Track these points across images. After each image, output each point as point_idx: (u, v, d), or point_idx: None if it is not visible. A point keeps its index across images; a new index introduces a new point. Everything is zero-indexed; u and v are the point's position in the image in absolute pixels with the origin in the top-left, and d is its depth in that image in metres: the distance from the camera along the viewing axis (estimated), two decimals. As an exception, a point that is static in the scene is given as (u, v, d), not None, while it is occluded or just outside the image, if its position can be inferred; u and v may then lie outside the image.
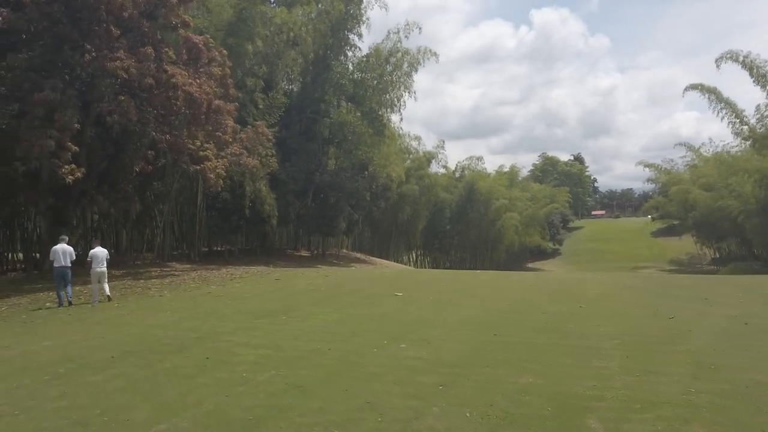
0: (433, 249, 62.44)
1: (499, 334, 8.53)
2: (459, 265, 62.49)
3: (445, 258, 64.42)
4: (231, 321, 10.82)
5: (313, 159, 34.31)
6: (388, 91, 35.68)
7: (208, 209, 32.39)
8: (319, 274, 21.14)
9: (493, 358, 7.03)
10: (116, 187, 24.18)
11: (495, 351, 7.47)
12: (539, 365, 6.60)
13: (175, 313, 12.35)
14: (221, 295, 15.11)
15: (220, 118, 22.23)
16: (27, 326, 11.76)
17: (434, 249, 62.44)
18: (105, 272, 15.14)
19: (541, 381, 5.89)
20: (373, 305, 12.37)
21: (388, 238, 54.15)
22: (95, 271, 14.77)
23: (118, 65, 18.76)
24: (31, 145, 17.41)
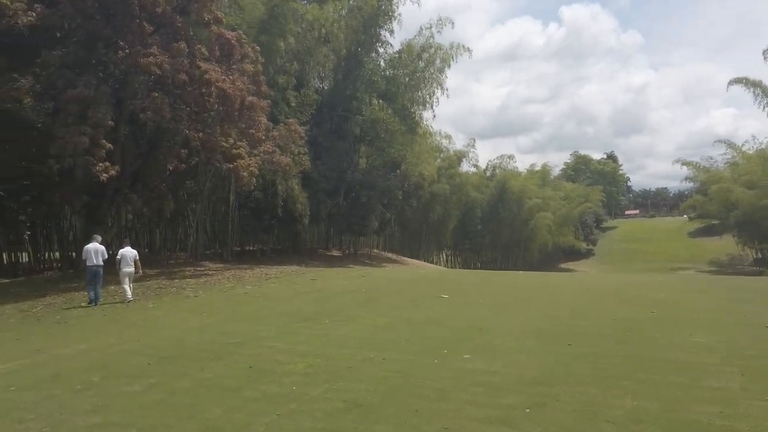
0: (463, 249, 61.21)
1: (574, 344, 7.58)
2: (490, 265, 61.18)
3: (476, 258, 63.12)
4: (271, 325, 10.10)
5: (345, 157, 33.62)
6: (420, 88, 34.78)
7: (240, 208, 32.01)
8: (355, 275, 20.38)
9: (581, 374, 6.11)
10: (150, 186, 23.88)
11: (578, 365, 6.53)
12: (642, 384, 5.64)
13: (211, 315, 11.71)
14: (258, 296, 14.46)
15: (253, 115, 21.67)
16: (61, 327, 11.26)
17: (465, 249, 61.21)
18: (132, 273, 14.87)
19: (652, 405, 4.95)
20: (420, 308, 11.52)
21: (418, 237, 53.21)
22: (123, 271, 14.64)
23: (151, 61, 18.32)
24: (65, 143, 17.05)
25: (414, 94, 34.72)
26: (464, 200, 55.20)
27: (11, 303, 15.60)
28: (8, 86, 17.42)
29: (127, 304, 14.12)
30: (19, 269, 26.85)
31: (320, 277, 19.23)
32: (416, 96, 34.81)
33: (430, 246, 56.06)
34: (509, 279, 18.90)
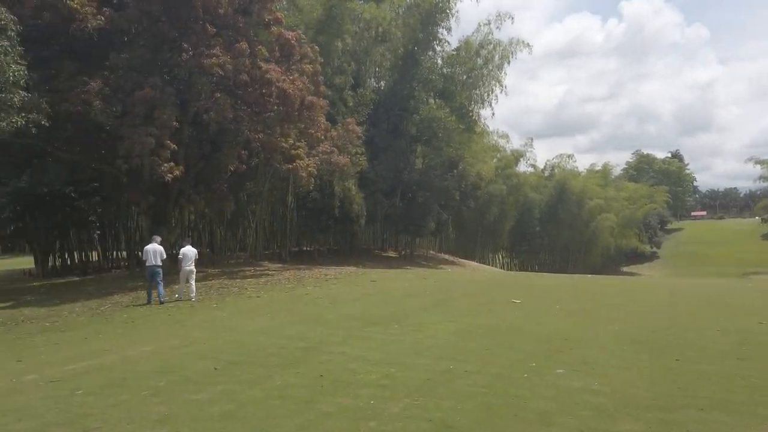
0: (520, 251, 59.41)
1: (683, 360, 6.64)
2: (548, 268, 59.08)
3: (534, 260, 61.12)
4: (338, 328, 9.58)
5: (401, 157, 33.01)
6: (478, 86, 33.77)
7: (297, 209, 32.02)
8: (415, 276, 19.74)
9: (704, 397, 5.22)
10: (212, 186, 24.07)
11: (698, 386, 5.63)
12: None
13: (275, 316, 11.34)
14: (320, 297, 14.03)
15: (312, 115, 21.42)
16: (128, 327, 11.17)
17: (522, 251, 59.39)
18: (193, 271, 14.85)
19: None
20: (493, 314, 10.73)
21: (473, 239, 51.95)
22: (184, 269, 14.63)
23: (214, 62, 18.33)
24: (133, 143, 17.27)
25: (472, 92, 33.77)
26: (521, 201, 53.54)
27: (81, 301, 15.86)
28: (79, 89, 17.82)
29: (191, 305, 14.02)
30: (89, 268, 27.76)
31: (380, 279, 18.69)
32: (474, 94, 33.84)
33: (485, 248, 54.67)
34: (582, 283, 17.74)
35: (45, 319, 12.92)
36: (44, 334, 10.89)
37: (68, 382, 6.87)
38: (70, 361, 8.10)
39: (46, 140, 20.99)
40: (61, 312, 14.06)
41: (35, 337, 10.58)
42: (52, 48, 19.03)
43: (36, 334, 10.95)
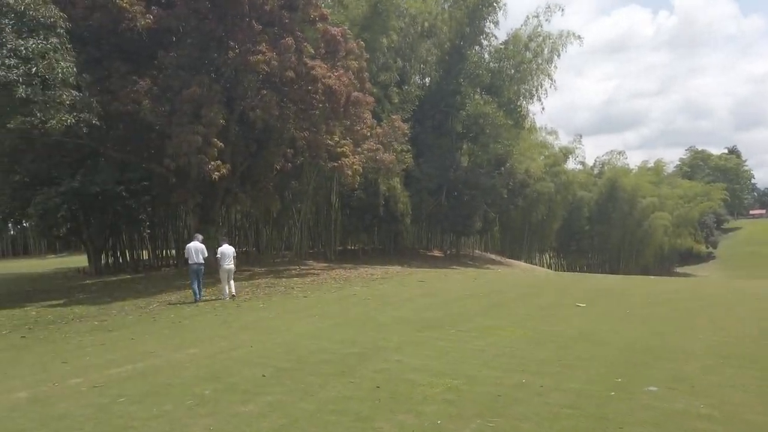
0: (568, 251, 57.38)
1: (803, 379, 5.66)
2: (599, 269, 56.85)
3: (582, 261, 58.95)
4: (391, 333, 8.92)
5: (447, 155, 32.15)
6: (527, 80, 32.50)
7: (342, 208, 31.63)
8: (465, 277, 18.90)
9: None
10: (258, 185, 23.89)
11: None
12: None
13: (324, 318, 10.78)
14: (368, 298, 13.42)
15: (359, 111, 20.88)
16: (174, 327, 10.84)
17: (570, 251, 57.34)
18: (233, 269, 14.65)
19: None
20: (559, 319, 9.84)
21: (519, 238, 50.42)
22: (224, 268, 14.40)
23: (260, 59, 18.02)
24: (180, 142, 17.14)
25: (520, 86, 32.56)
26: (570, 199, 51.68)
27: (131, 299, 15.80)
28: (129, 89, 17.83)
29: (237, 304, 13.68)
30: (140, 266, 28.15)
31: (429, 279, 17.95)
32: (522, 89, 32.61)
33: (532, 247, 53.01)
34: (645, 284, 16.49)
35: (94, 318, 12.80)
36: (92, 333, 10.68)
37: (111, 387, 6.47)
38: (114, 363, 7.74)
39: (98, 140, 21.24)
40: (110, 310, 13.97)
41: (83, 336, 10.37)
42: (103, 48, 19.16)
43: (84, 333, 10.76)
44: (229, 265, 14.44)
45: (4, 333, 11.48)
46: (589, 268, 57.70)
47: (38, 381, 7.07)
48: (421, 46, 30.04)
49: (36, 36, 11.54)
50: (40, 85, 11.32)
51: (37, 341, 10.24)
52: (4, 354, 9.18)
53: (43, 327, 11.95)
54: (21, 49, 11.17)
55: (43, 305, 15.96)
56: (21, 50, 11.18)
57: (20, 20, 11.54)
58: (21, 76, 11.02)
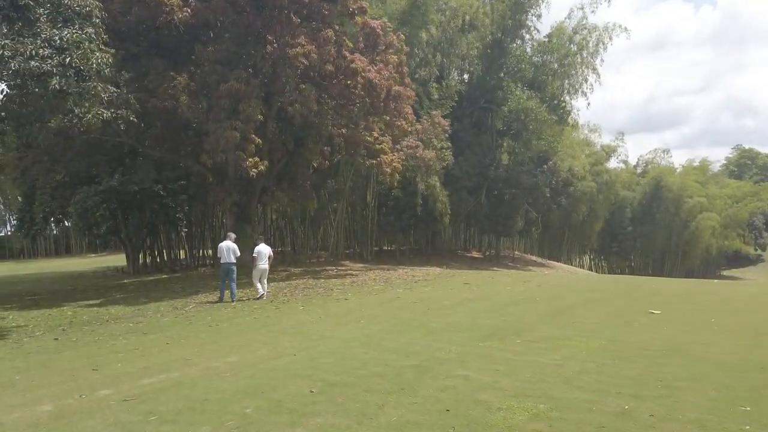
0: (610, 252, 55.17)
1: None
2: (642, 271, 54.58)
3: (624, 263, 56.67)
4: (448, 342, 7.96)
5: (487, 153, 30.97)
6: (571, 75, 31.06)
7: (378, 207, 30.76)
8: (513, 279, 17.77)
9: None
10: (295, 184, 23.26)
11: None
12: None
13: (370, 323, 9.90)
14: (415, 302, 12.49)
15: (399, 106, 19.97)
16: (212, 331, 10.13)
17: (612, 252, 55.12)
18: (267, 270, 14.32)
19: None
20: (634, 328, 8.71)
21: (559, 239, 48.69)
22: (258, 268, 14.07)
23: (299, 51, 17.34)
24: (218, 138, 16.58)
25: (564, 81, 31.15)
26: (612, 199, 49.60)
27: (167, 300, 15.28)
28: (167, 85, 17.39)
29: (276, 306, 12.95)
30: (176, 265, 27.91)
31: (474, 282, 16.90)
32: (566, 84, 31.19)
33: (572, 248, 51.16)
34: (713, 288, 15.06)
35: (130, 319, 12.25)
36: (126, 336, 10.06)
37: (143, 402, 5.71)
38: (148, 372, 7.02)
39: (136, 138, 20.97)
40: (146, 311, 13.42)
41: (117, 339, 9.75)
42: (141, 45, 18.83)
43: (118, 336, 10.15)
44: (264, 265, 14.07)
45: (37, 334, 11.00)
46: (630, 270, 55.42)
47: (65, 391, 6.38)
48: (461, 40, 28.94)
49: (71, 26, 11.03)
50: (74, 76, 10.79)
51: (69, 344, 9.67)
52: (34, 358, 8.60)
53: (78, 328, 11.44)
54: (55, 39, 10.66)
55: (80, 305, 15.60)
56: (56, 40, 10.67)
57: (56, 10, 11.03)
58: (55, 66, 10.50)
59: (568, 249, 50.11)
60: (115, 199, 23.71)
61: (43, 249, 49.42)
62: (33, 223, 25.35)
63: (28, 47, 10.38)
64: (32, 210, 25.16)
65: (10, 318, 13.62)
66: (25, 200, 26.07)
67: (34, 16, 10.73)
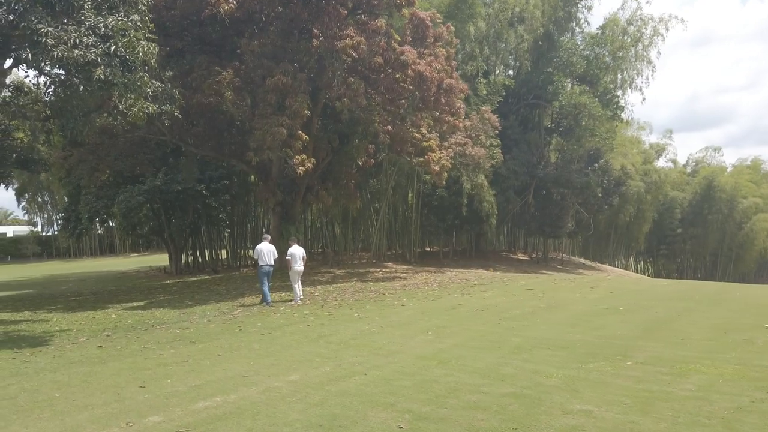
0: (658, 255, 52.49)
1: None
2: (691, 274, 51.84)
3: (672, 266, 53.84)
4: (544, 362, 6.75)
5: (535, 151, 29.45)
6: (625, 68, 29.24)
7: (422, 207, 29.57)
8: (577, 285, 16.33)
9: None
10: (339, 183, 22.33)
11: None
12: None
13: (440, 335, 8.74)
14: (480, 310, 11.28)
15: (450, 100, 18.75)
16: (265, 342, 9.15)
17: (659, 255, 52.43)
18: (302, 271, 13.73)
19: None
20: (759, 347, 7.31)
21: (604, 241, 46.47)
22: (294, 270, 13.45)
23: (348, 43, 16.35)
24: (264, 134, 15.72)
25: (616, 75, 29.34)
26: (661, 200, 47.17)
27: (212, 303, 14.49)
28: (212, 80, 16.65)
29: (329, 312, 11.94)
30: (218, 266, 27.36)
31: (536, 287, 15.56)
32: (619, 77, 29.40)
33: (618, 250, 48.85)
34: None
35: (176, 324, 11.42)
36: (173, 344, 9.18)
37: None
38: (201, 393, 6.04)
39: (180, 136, 20.39)
40: (192, 315, 12.60)
41: (164, 348, 8.88)
42: (186, 39, 18.16)
43: (165, 344, 9.28)
44: (299, 266, 13.50)
45: (81, 340, 10.24)
46: (680, 274, 52.61)
47: (110, 415, 5.45)
48: (509, 33, 27.52)
49: (116, 12, 10.26)
50: (119, 66, 10.01)
51: (114, 353, 8.84)
52: (76, 370, 7.77)
53: (122, 334, 10.65)
54: (100, 27, 9.90)
55: (124, 307, 14.96)
56: (100, 28, 9.91)
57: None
58: (100, 55, 9.73)
59: (614, 251, 47.85)
60: (159, 198, 23.26)
61: (88, 248, 50.04)
62: (78, 223, 25.15)
63: (71, 35, 9.64)
64: (77, 210, 24.96)
65: (54, 321, 13.02)
66: (71, 200, 25.93)
67: (78, 2, 9.99)
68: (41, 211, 54.30)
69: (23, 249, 48.01)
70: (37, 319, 13.45)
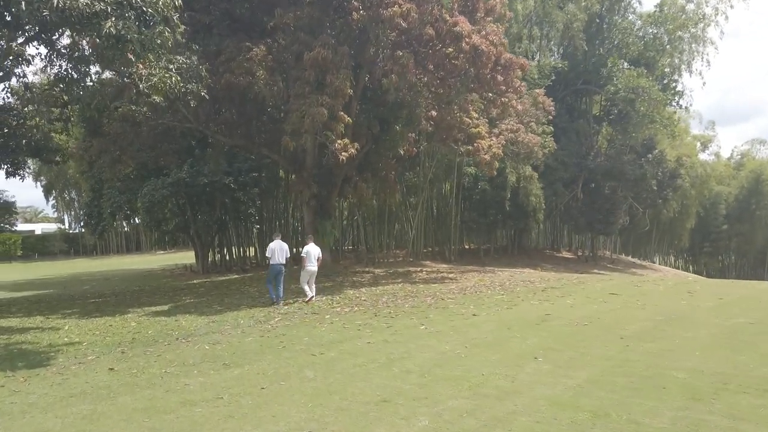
0: (701, 253, 49.12)
1: None
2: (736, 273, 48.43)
3: (715, 264, 50.43)
4: (751, 418, 4.39)
5: (584, 141, 26.82)
6: (684, 50, 26.38)
7: (460, 201, 27.19)
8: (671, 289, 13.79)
9: None
10: (378, 174, 20.07)
11: None
12: None
13: (557, 364, 6.41)
14: (583, 324, 8.90)
15: (509, 78, 16.31)
16: (319, 366, 6.94)
17: (703, 253, 49.06)
18: (316, 272, 12.71)
19: None
20: None
21: (645, 238, 43.43)
22: (307, 269, 12.51)
23: (395, 11, 14.04)
24: (301, 116, 13.53)
25: (673, 58, 26.50)
26: (705, 194, 43.95)
27: (245, 308, 12.37)
28: (242, 56, 14.54)
29: (388, 324, 9.70)
30: (247, 264, 25.39)
31: (619, 290, 13.09)
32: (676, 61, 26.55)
33: (660, 248, 45.76)
34: None
35: (204, 337, 9.29)
36: (202, 368, 7.02)
37: None
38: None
39: (206, 124, 18.38)
40: (224, 324, 10.47)
41: (190, 375, 6.73)
42: (213, 14, 16.07)
43: (192, 366, 7.14)
44: (313, 266, 12.56)
45: (90, 358, 8.18)
46: (723, 273, 49.20)
47: None
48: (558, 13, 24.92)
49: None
50: (134, 19, 7.93)
51: (127, 380, 6.73)
52: (75, 409, 5.67)
53: (141, 350, 8.55)
54: (110, -30, 7.82)
55: (146, 312, 12.94)
56: (110, -28, 7.83)
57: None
58: (110, 5, 7.64)
59: (657, 248, 44.79)
60: (184, 192, 21.33)
61: (115, 246, 48.76)
62: (100, 219, 23.35)
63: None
64: (99, 205, 23.16)
65: (66, 329, 11.03)
66: (93, 195, 24.15)
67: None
68: (68, 209, 53.30)
69: (50, 246, 46.87)
70: (47, 327, 11.49)
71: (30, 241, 46.45)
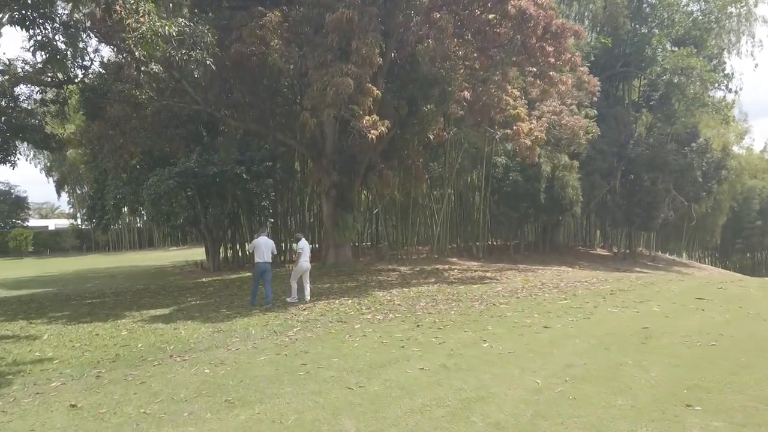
0: (733, 250, 46.26)
1: None
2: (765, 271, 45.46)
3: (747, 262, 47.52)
4: None
5: (623, 128, 24.34)
6: (732, 29, 23.78)
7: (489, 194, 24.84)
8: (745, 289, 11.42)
9: None
10: (405, 162, 17.86)
11: None
12: None
13: (729, 419, 4.16)
14: (709, 344, 6.61)
15: (561, 48, 13.94)
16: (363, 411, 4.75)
17: (735, 250, 46.20)
18: (309, 269, 11.45)
19: None
20: None
21: (676, 235, 40.70)
22: (301, 266, 11.28)
23: (432, -34, 11.80)
24: (324, 87, 11.33)
25: (721, 37, 23.90)
26: (739, 189, 41.16)
27: (257, 314, 10.20)
28: (254, 23, 12.39)
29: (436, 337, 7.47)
30: (261, 261, 23.24)
31: (702, 294, 10.75)
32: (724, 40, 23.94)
33: (691, 245, 42.99)
34: None
35: (205, 354, 7.15)
36: (197, 410, 4.86)
37: None
38: None
39: (215, 106, 16.29)
40: (231, 335, 8.32)
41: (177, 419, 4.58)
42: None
43: (182, 404, 4.98)
44: (307, 263, 11.32)
45: (53, 385, 6.09)
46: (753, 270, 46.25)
47: None
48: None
49: None
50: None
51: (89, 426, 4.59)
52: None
53: (122, 373, 6.43)
54: None
55: (143, 316, 10.84)
56: None
57: None
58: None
59: (688, 245, 42.04)
60: (193, 183, 19.22)
61: (127, 242, 47.04)
62: (104, 212, 21.36)
63: None
64: (104, 197, 21.17)
65: (44, 339, 8.97)
66: (97, 187, 22.18)
67: None
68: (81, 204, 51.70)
69: (62, 242, 45.24)
70: (24, 336, 9.44)
71: (42, 236, 44.86)
